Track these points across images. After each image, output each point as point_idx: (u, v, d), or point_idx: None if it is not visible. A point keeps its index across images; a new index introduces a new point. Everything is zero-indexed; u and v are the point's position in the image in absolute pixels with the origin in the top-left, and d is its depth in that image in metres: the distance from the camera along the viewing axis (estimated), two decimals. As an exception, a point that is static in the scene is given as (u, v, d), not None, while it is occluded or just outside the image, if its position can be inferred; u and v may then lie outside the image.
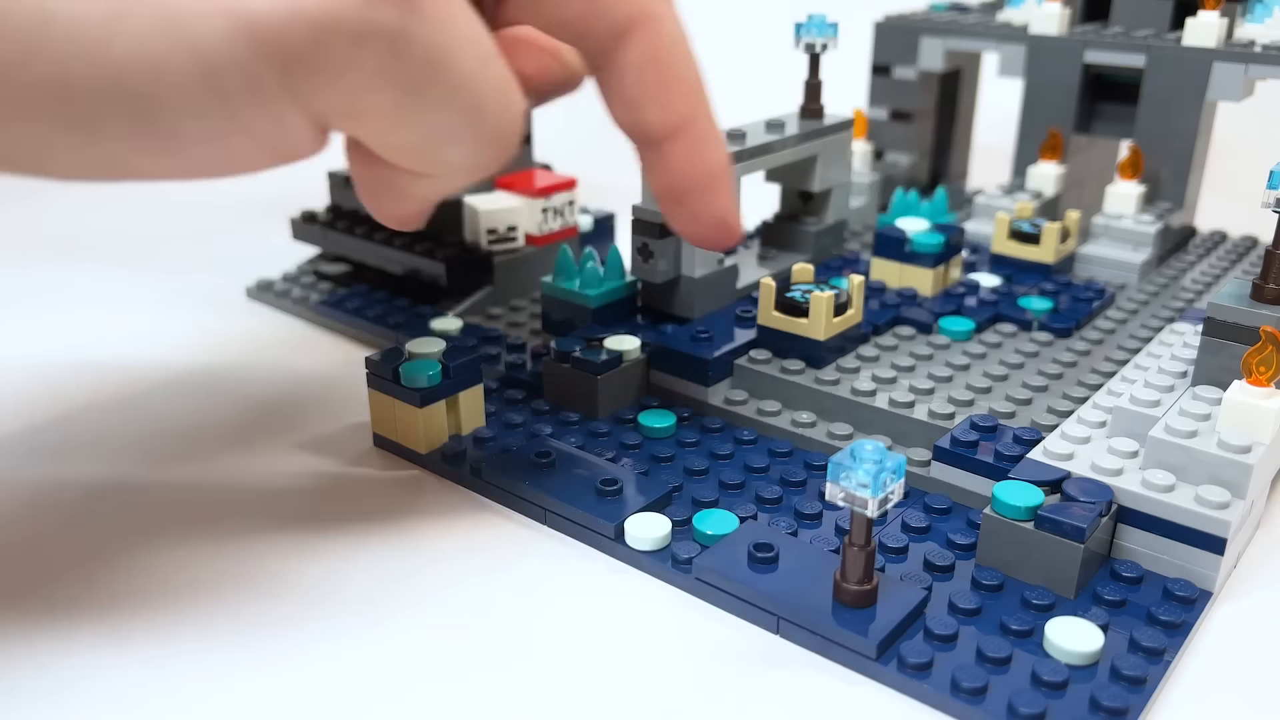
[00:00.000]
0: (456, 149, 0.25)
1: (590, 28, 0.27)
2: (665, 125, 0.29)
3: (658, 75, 0.28)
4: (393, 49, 0.22)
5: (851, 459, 0.25)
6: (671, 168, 0.30)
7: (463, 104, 0.24)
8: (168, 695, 0.26)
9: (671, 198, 0.30)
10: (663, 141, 0.29)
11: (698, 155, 0.29)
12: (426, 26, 0.22)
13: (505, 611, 0.30)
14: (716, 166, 0.30)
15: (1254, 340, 0.31)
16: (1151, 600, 0.29)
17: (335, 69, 0.21)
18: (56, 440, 0.38)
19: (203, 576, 0.31)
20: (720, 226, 0.31)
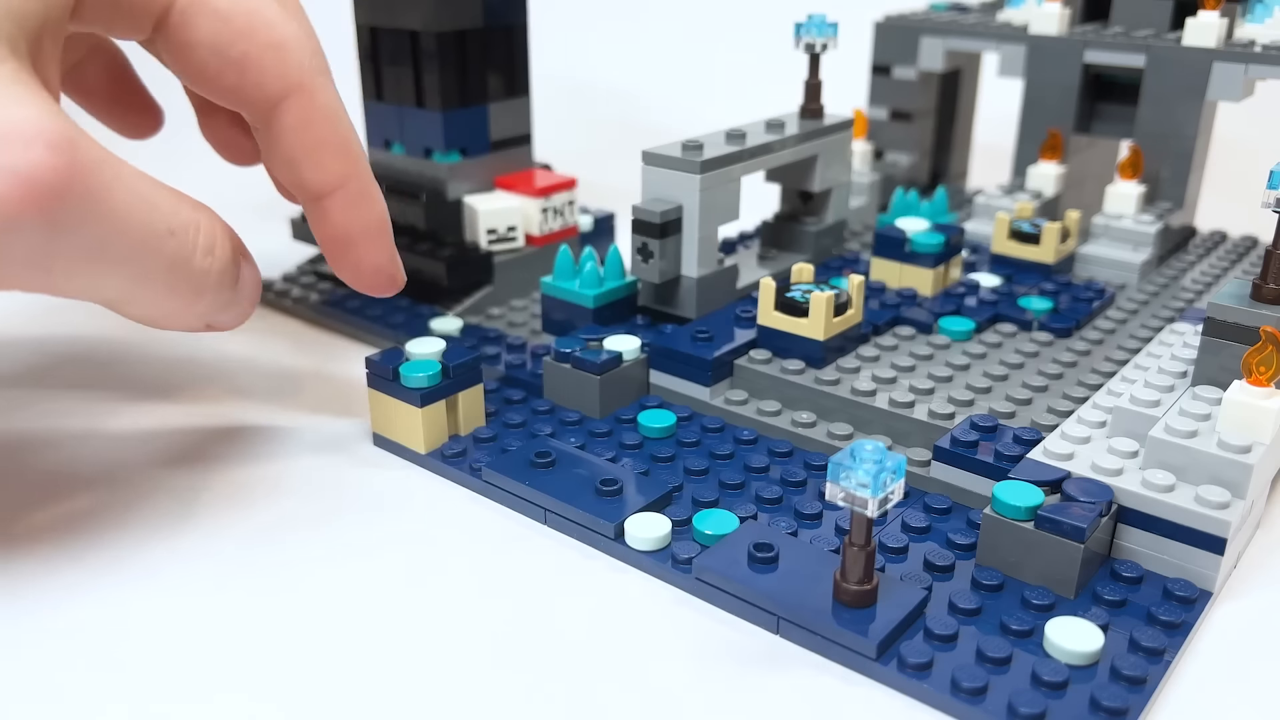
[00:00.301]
0: (141, 308, 0.28)
1: (246, 97, 0.30)
2: (322, 184, 0.32)
3: (311, 138, 0.31)
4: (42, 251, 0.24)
5: (851, 459, 0.25)
6: (331, 221, 0.33)
7: (122, 280, 0.27)
8: (167, 695, 0.26)
9: (335, 249, 0.33)
10: (322, 198, 0.32)
11: (353, 211, 0.33)
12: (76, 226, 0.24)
13: (505, 611, 0.30)
14: (373, 220, 0.33)
15: (1254, 340, 0.31)
16: (1151, 600, 0.29)
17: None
18: (56, 439, 0.38)
19: (202, 577, 0.31)
20: (378, 274, 0.34)
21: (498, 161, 0.52)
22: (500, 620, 0.29)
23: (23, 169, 0.23)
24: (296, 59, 0.31)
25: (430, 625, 0.29)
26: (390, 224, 0.34)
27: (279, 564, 0.32)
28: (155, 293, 0.28)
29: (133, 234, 0.26)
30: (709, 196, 0.42)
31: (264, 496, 0.35)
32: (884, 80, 0.62)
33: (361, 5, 0.50)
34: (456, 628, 0.29)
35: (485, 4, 0.49)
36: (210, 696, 0.26)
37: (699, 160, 0.41)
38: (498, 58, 0.51)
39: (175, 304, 0.28)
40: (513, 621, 0.29)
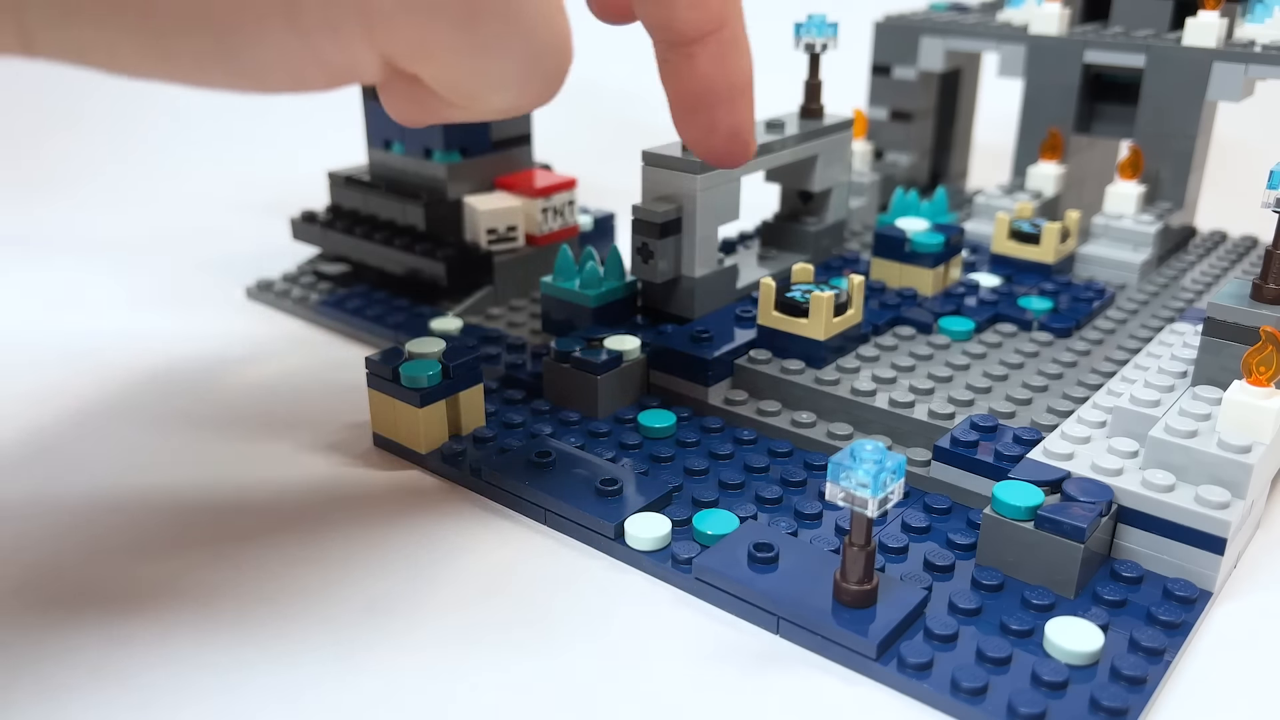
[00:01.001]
0: (505, 93, 0.24)
1: None
2: (697, 26, 0.27)
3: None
4: (469, 6, 0.21)
5: (851, 459, 0.25)
6: (696, 73, 0.28)
7: (522, 55, 0.23)
8: (168, 696, 0.26)
9: (690, 105, 0.29)
10: (691, 43, 0.28)
11: (727, 61, 0.28)
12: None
13: (506, 611, 0.30)
14: (743, 76, 0.29)
15: (1254, 340, 0.31)
16: (1151, 600, 0.29)
17: (414, 22, 0.21)
18: (56, 439, 0.38)
19: (202, 577, 0.31)
20: (734, 140, 0.30)
21: (498, 161, 0.52)
22: (500, 620, 0.29)
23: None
24: None
25: (430, 625, 0.29)
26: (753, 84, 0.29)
27: (278, 564, 0.32)
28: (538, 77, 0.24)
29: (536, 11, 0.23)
30: (709, 196, 0.42)
31: (264, 496, 0.35)
32: (884, 80, 0.62)
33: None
34: (456, 627, 0.29)
35: (485, 4, 0.49)
36: (209, 696, 0.26)
37: (699, 160, 0.41)
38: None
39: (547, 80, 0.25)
40: (513, 621, 0.29)
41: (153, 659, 0.27)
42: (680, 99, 0.29)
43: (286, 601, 0.30)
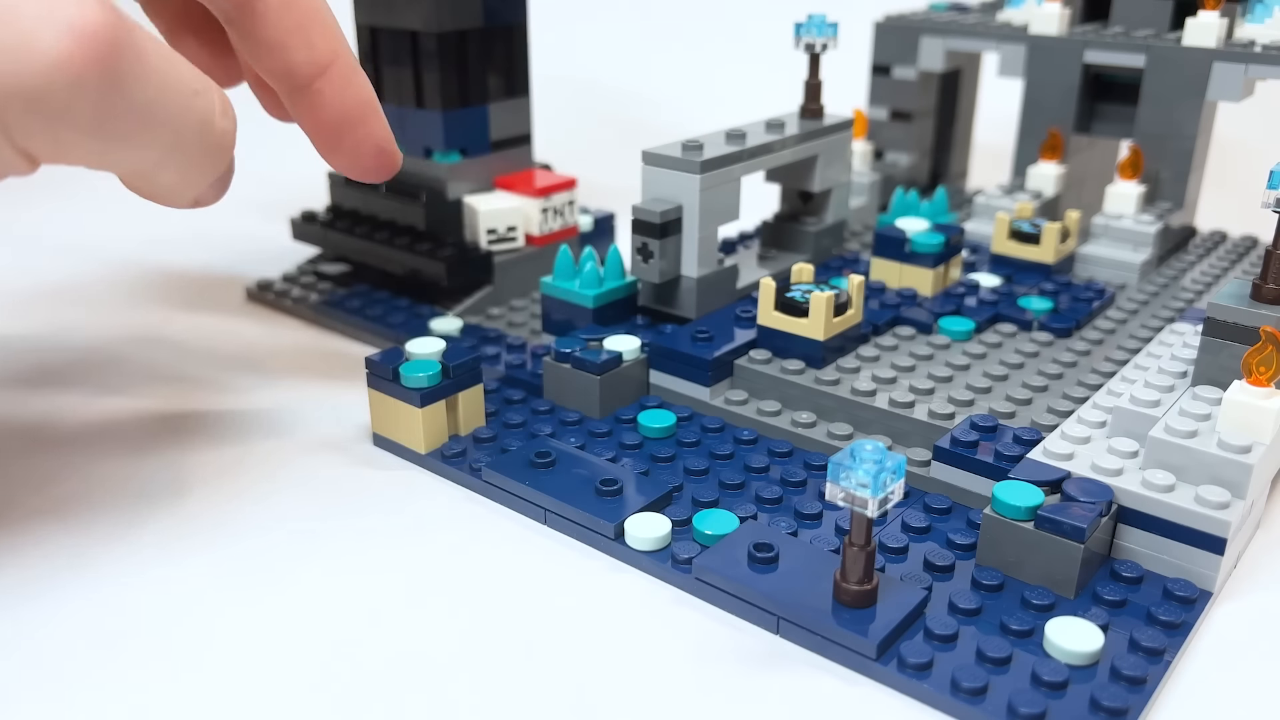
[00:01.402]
0: (166, 175, 0.27)
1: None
2: (312, 63, 0.30)
3: (298, 16, 0.30)
4: (99, 110, 0.24)
5: (851, 459, 0.25)
6: (326, 104, 0.31)
7: (162, 144, 0.26)
8: (166, 694, 0.26)
9: (330, 135, 0.32)
10: (313, 80, 0.31)
11: (348, 88, 0.31)
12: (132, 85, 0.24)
13: (505, 611, 0.30)
14: (367, 96, 0.32)
15: (1254, 340, 0.31)
16: (1151, 600, 0.29)
17: (45, 127, 0.23)
18: (56, 439, 0.38)
19: (202, 576, 0.31)
20: (380, 155, 0.33)
21: (498, 161, 0.52)
22: (500, 620, 0.29)
23: (83, 24, 0.23)
24: None
25: (430, 625, 0.29)
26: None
27: (278, 563, 0.32)
28: (187, 155, 0.27)
29: (171, 92, 0.25)
30: (709, 196, 0.42)
31: (264, 496, 0.35)
32: (884, 80, 0.62)
33: (361, 5, 0.50)
34: (456, 627, 0.29)
35: (485, 4, 0.49)
36: (209, 696, 0.26)
37: (699, 160, 0.41)
38: (498, 58, 0.51)
39: (200, 167, 0.27)
40: (512, 621, 0.29)
41: (153, 661, 0.27)
42: (320, 132, 0.32)
43: (286, 602, 0.30)
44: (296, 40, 0.30)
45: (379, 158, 0.33)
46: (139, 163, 0.26)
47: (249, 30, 0.30)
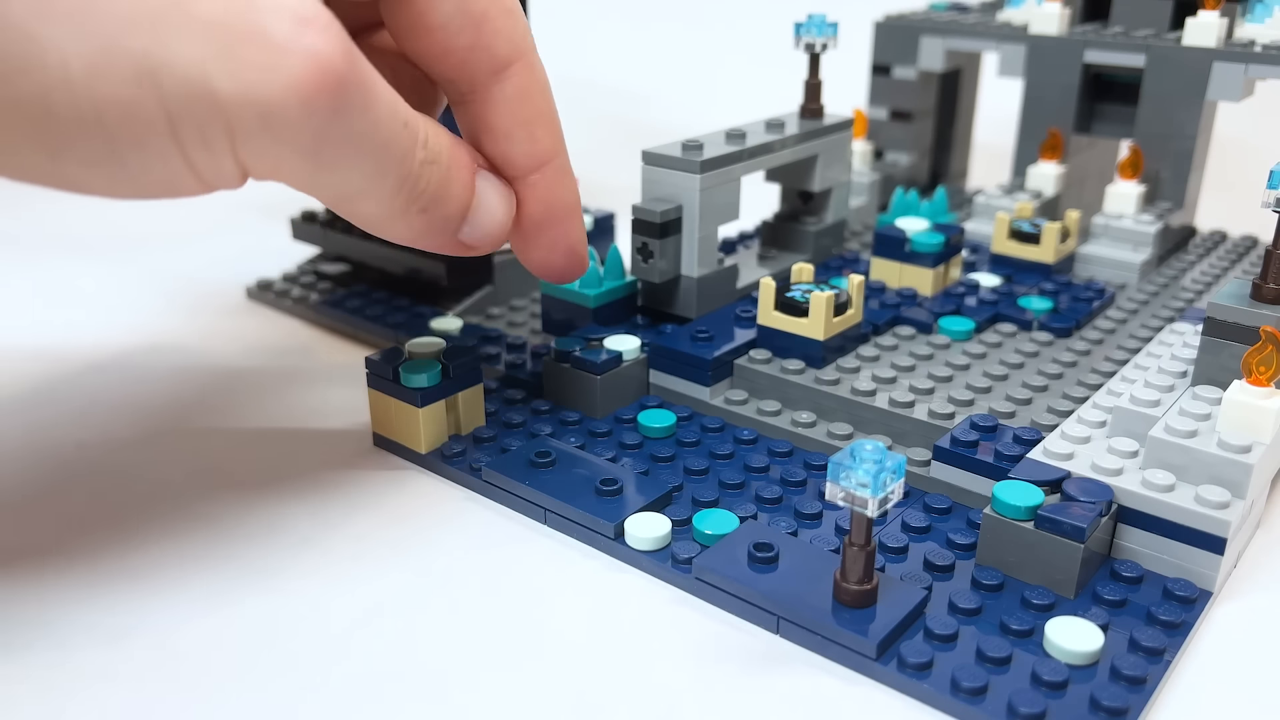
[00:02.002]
0: (367, 203, 0.28)
1: (474, 59, 0.29)
2: (533, 158, 0.31)
3: (530, 110, 0.30)
4: (319, 135, 0.25)
5: (851, 459, 0.25)
6: (535, 198, 0.32)
7: (367, 172, 0.27)
8: (165, 695, 0.26)
9: (530, 229, 0.33)
10: (528, 174, 0.31)
11: (559, 188, 0.32)
12: (352, 117, 0.25)
13: (505, 611, 0.30)
14: (574, 199, 0.33)
15: (1254, 340, 0.31)
16: (1151, 600, 0.29)
17: (270, 143, 0.24)
18: (56, 439, 0.38)
19: (202, 576, 0.31)
20: (571, 255, 0.34)
21: (498, 161, 0.52)
22: (500, 620, 0.29)
23: (327, 54, 0.24)
24: (524, 26, 0.30)
25: (430, 625, 0.29)
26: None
27: (278, 563, 0.32)
28: (387, 185, 0.27)
29: (385, 124, 0.26)
30: (709, 196, 0.42)
31: (263, 496, 0.35)
32: (884, 80, 0.62)
33: (361, 5, 0.50)
34: (456, 627, 0.29)
35: (485, 4, 0.49)
36: (208, 697, 0.26)
37: (699, 160, 0.41)
38: (498, 58, 0.50)
39: (400, 200, 0.28)
40: (512, 621, 0.29)
41: (153, 662, 0.27)
42: (522, 223, 0.32)
43: (286, 602, 0.30)
44: (522, 134, 0.31)
45: (570, 259, 0.34)
46: (342, 188, 0.27)
47: (478, 114, 0.31)
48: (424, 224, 0.29)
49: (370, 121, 0.26)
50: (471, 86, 0.30)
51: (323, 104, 0.24)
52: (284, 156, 0.25)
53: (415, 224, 0.29)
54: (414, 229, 0.29)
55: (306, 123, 0.24)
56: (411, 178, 0.28)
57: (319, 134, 0.25)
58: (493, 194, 0.31)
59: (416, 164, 0.28)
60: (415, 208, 0.29)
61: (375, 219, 0.29)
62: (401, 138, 0.27)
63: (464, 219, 0.30)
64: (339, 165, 0.26)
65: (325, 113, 0.24)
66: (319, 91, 0.24)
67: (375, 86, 0.26)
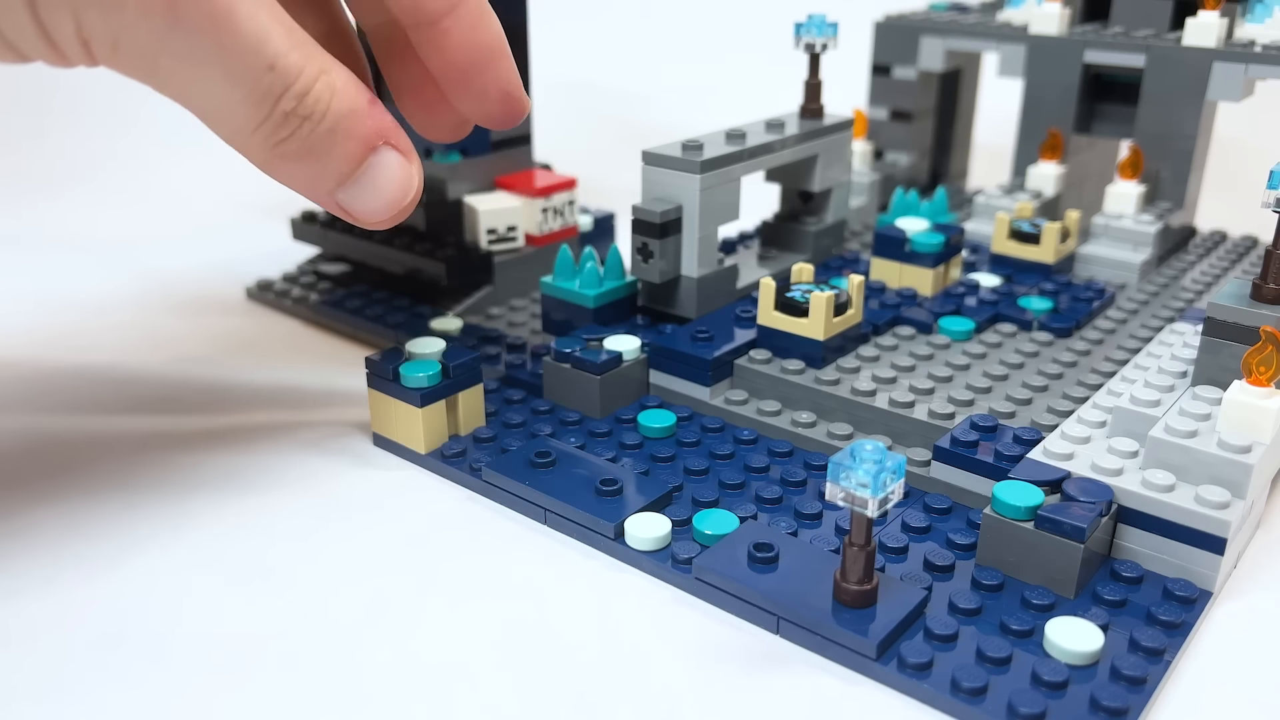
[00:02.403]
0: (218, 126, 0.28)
1: None
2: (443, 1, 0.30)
3: None
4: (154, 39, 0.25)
5: (852, 459, 0.25)
6: (452, 44, 0.31)
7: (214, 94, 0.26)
8: (166, 696, 0.26)
9: (456, 77, 0.32)
10: (441, 18, 0.30)
11: (479, 28, 0.31)
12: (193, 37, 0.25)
13: (505, 611, 0.30)
14: (496, 39, 0.31)
15: (1254, 340, 0.31)
16: (1151, 600, 0.29)
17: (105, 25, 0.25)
18: (54, 439, 0.38)
19: (201, 577, 0.31)
20: (507, 100, 0.32)
21: (498, 161, 0.52)
22: (500, 620, 0.29)
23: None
24: None
25: (430, 625, 0.29)
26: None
27: (278, 563, 0.32)
28: (237, 121, 0.27)
29: (236, 57, 0.26)
30: (709, 196, 0.42)
31: (264, 496, 0.35)
32: (884, 80, 0.62)
33: (361, 5, 0.50)
34: (456, 627, 0.29)
35: (485, 4, 0.49)
36: (208, 697, 0.26)
37: (699, 160, 0.41)
38: (498, 58, 0.50)
39: (255, 140, 0.28)
40: (512, 621, 0.29)
41: (151, 660, 0.27)
42: (445, 73, 0.32)
43: (286, 602, 0.30)
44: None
45: (505, 103, 0.33)
46: (187, 101, 0.27)
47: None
48: (290, 172, 0.29)
49: (214, 48, 0.26)
50: None
51: (156, 11, 0.24)
52: (122, 45, 0.25)
53: (281, 169, 0.29)
54: (280, 173, 0.29)
55: (140, 25, 0.25)
56: (270, 122, 0.27)
57: (154, 39, 0.25)
58: (389, 170, 0.30)
59: (277, 111, 0.27)
60: (277, 154, 0.28)
61: (242, 149, 0.28)
62: (260, 79, 0.27)
63: (341, 183, 0.29)
64: (176, 76, 0.26)
65: (159, 20, 0.25)
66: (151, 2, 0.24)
67: (232, 17, 0.26)
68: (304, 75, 0.27)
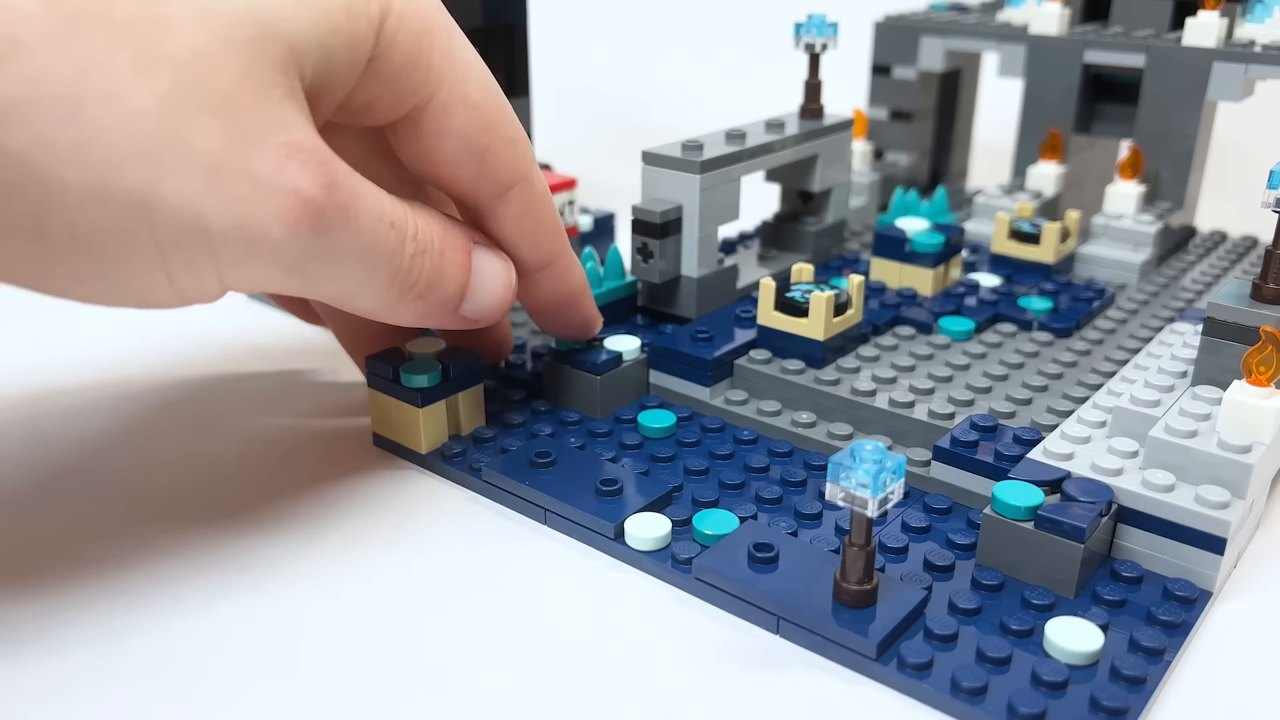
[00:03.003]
0: (367, 300, 0.30)
1: (479, 186, 0.32)
2: (537, 262, 0.35)
3: (531, 223, 0.33)
4: (301, 255, 0.27)
5: (852, 459, 0.25)
6: (543, 291, 0.36)
7: (358, 274, 0.28)
8: (166, 696, 0.26)
9: (544, 313, 0.37)
10: (534, 273, 0.35)
11: (563, 281, 0.36)
12: (334, 235, 0.27)
13: (505, 611, 0.30)
14: (579, 286, 0.37)
15: (1254, 340, 0.31)
16: (1151, 600, 0.29)
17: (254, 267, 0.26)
18: (55, 439, 0.38)
19: (201, 576, 0.31)
20: (585, 327, 0.38)
21: (498, 161, 0.52)
22: (500, 620, 0.29)
23: (309, 191, 0.26)
24: (524, 150, 0.32)
25: (430, 625, 0.29)
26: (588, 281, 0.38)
27: (278, 564, 0.32)
28: (378, 283, 0.29)
29: (369, 234, 0.28)
30: (709, 196, 0.42)
31: (263, 496, 0.35)
32: (884, 80, 0.63)
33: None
34: (456, 628, 0.29)
35: (485, 4, 0.49)
36: (208, 696, 0.26)
37: (699, 160, 0.41)
38: (498, 58, 0.51)
39: (393, 293, 0.30)
40: (512, 621, 0.29)
41: (151, 662, 0.27)
42: (536, 308, 0.37)
43: (286, 602, 0.30)
44: (526, 243, 0.34)
45: (583, 330, 0.39)
46: (334, 292, 0.29)
47: (486, 227, 0.33)
48: (422, 309, 0.31)
49: (353, 234, 0.27)
50: (476, 206, 0.33)
51: (304, 230, 0.26)
52: (267, 275, 0.27)
53: (414, 309, 0.31)
54: (413, 313, 0.31)
55: (288, 247, 0.26)
56: (403, 271, 0.29)
57: (301, 255, 0.27)
58: (489, 269, 0.33)
59: (407, 258, 0.29)
60: (411, 295, 0.30)
61: (373, 311, 0.30)
62: (389, 238, 0.29)
63: (462, 297, 0.32)
64: (324, 276, 0.28)
65: (307, 237, 0.26)
66: (299, 221, 0.26)
67: (359, 201, 0.27)
68: (410, 219, 0.29)
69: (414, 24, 0.29)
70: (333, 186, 0.26)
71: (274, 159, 0.25)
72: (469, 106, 0.31)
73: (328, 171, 0.26)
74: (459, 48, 0.31)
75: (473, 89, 0.31)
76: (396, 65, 0.29)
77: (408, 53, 0.29)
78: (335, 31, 0.27)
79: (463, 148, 0.31)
